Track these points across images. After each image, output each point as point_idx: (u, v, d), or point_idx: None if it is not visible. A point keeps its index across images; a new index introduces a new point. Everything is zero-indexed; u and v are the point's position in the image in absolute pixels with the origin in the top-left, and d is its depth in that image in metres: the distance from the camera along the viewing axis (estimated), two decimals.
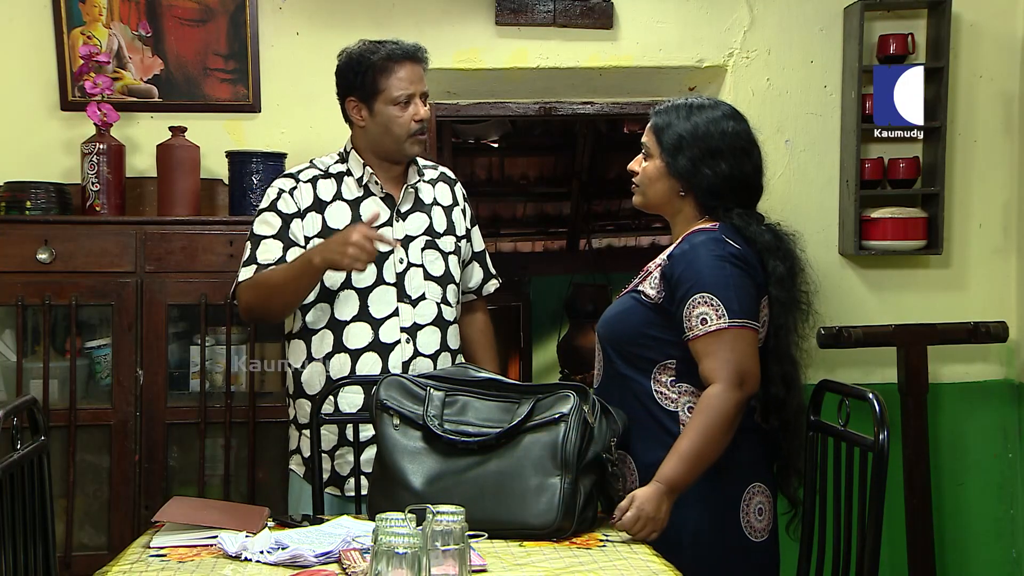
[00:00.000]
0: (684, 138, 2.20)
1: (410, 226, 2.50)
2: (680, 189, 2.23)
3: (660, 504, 1.98)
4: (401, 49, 2.44)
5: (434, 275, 2.49)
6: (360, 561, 1.74)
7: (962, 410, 3.43)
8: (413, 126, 2.44)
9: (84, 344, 3.04)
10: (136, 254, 2.95)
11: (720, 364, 2.05)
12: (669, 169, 2.22)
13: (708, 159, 2.20)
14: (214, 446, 3.02)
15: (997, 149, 3.42)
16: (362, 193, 2.50)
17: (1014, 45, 3.39)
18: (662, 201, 2.27)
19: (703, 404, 2.05)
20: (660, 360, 2.15)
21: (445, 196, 2.59)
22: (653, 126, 2.26)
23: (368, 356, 2.42)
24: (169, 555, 1.85)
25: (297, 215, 2.46)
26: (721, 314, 2.06)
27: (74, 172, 3.13)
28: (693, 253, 2.12)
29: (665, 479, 2.00)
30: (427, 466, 2.02)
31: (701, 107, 2.25)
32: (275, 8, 3.28)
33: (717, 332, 2.06)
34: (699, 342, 2.07)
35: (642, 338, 2.16)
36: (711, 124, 2.21)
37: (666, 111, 2.26)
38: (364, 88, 2.44)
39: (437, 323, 2.47)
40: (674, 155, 2.21)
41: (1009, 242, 3.43)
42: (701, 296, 2.08)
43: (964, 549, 3.43)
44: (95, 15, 3.21)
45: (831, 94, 3.37)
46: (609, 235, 7.79)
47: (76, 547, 2.92)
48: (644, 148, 2.28)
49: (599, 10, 3.34)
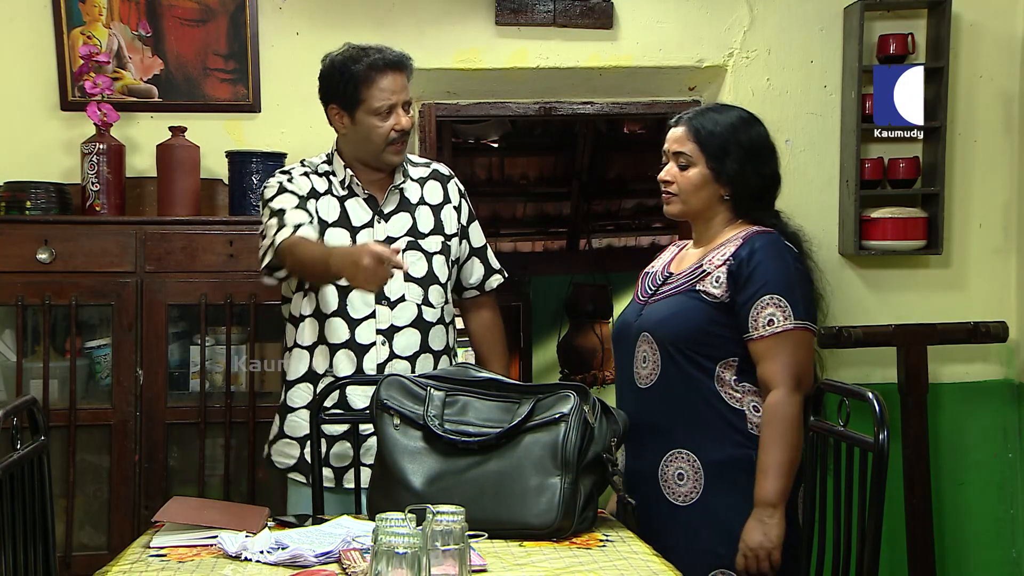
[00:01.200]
0: (729, 143, 2.25)
1: (392, 227, 2.50)
2: (724, 194, 2.27)
3: (764, 531, 2.08)
4: (384, 59, 2.42)
5: (415, 276, 2.48)
6: (360, 561, 1.74)
7: (962, 410, 3.43)
8: (393, 135, 2.43)
9: (84, 344, 3.04)
10: (136, 254, 2.95)
11: (780, 368, 2.13)
12: (715, 175, 2.26)
13: (752, 162, 2.26)
14: (214, 446, 3.02)
15: (997, 149, 3.42)
16: (346, 194, 2.51)
17: (1014, 45, 3.39)
18: (703, 207, 2.30)
19: (772, 414, 2.12)
20: (723, 358, 2.19)
21: (434, 194, 2.58)
22: (691, 134, 2.28)
23: (343, 353, 2.44)
24: (169, 555, 1.84)
25: (306, 197, 2.47)
26: (788, 315, 2.14)
27: (74, 172, 3.13)
28: (763, 254, 2.17)
29: (765, 500, 2.10)
30: (427, 466, 2.02)
31: (732, 112, 2.31)
32: (275, 8, 3.28)
33: (783, 333, 2.13)
34: (762, 343, 2.14)
35: (706, 336, 2.19)
36: (747, 128, 2.28)
37: (700, 118, 2.29)
38: (346, 97, 2.43)
39: (416, 325, 2.47)
40: (721, 160, 2.25)
41: (1009, 242, 3.43)
42: (771, 297, 2.14)
43: (964, 549, 3.43)
44: (95, 15, 3.21)
45: (831, 94, 3.37)
46: (609, 235, 7.78)
47: (76, 547, 2.92)
48: (680, 157, 2.29)
49: (599, 10, 3.34)
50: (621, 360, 2.34)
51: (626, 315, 2.38)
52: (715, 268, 2.21)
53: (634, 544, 1.93)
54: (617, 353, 2.37)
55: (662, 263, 2.41)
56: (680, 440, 2.19)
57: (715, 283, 2.20)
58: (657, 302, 2.28)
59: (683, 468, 2.20)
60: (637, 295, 2.39)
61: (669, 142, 2.33)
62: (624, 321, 2.36)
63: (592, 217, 7.48)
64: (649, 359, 2.25)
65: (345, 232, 2.47)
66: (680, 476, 2.20)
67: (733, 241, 2.24)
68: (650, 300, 2.31)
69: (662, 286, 2.31)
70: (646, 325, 2.27)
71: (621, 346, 2.34)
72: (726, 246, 2.24)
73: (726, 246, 2.24)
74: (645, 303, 2.32)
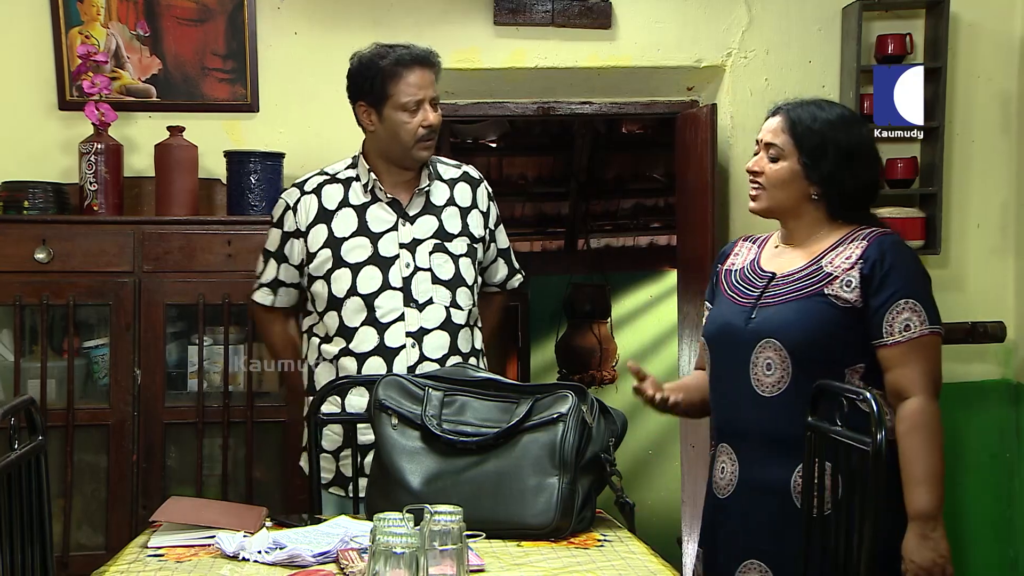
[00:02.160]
0: (827, 141, 2.13)
1: (418, 230, 2.48)
2: (814, 193, 2.16)
3: (932, 546, 2.01)
4: (411, 54, 2.43)
5: (442, 279, 2.47)
6: (358, 561, 1.74)
7: (960, 410, 3.43)
8: (421, 132, 2.42)
9: (82, 344, 3.03)
10: (134, 254, 2.95)
11: (919, 375, 2.07)
12: (807, 172, 2.14)
13: (850, 164, 2.14)
14: (212, 446, 3.01)
15: (995, 149, 3.42)
16: (369, 199, 2.49)
17: (1012, 45, 3.39)
18: (791, 205, 2.18)
19: (916, 422, 2.06)
20: (851, 364, 2.11)
21: (464, 197, 2.56)
22: (787, 126, 2.15)
23: (374, 360, 2.42)
24: (167, 555, 1.84)
25: (296, 234, 2.49)
26: (923, 320, 2.08)
27: (72, 172, 3.13)
28: (895, 256, 2.09)
29: (921, 513, 2.03)
30: (425, 466, 2.02)
31: (834, 109, 2.19)
32: (274, 8, 3.28)
33: (919, 339, 2.07)
34: (897, 348, 2.07)
35: (837, 342, 2.10)
36: (850, 127, 2.16)
37: (799, 110, 2.17)
38: (373, 93, 2.43)
39: (445, 327, 2.45)
40: (815, 158, 2.13)
41: (1007, 242, 3.43)
42: (907, 301, 2.07)
43: (961, 549, 3.43)
44: (93, 15, 3.21)
45: (829, 94, 3.36)
46: (607, 235, 7.78)
47: (74, 547, 2.92)
48: (771, 148, 2.17)
49: (597, 10, 3.34)
50: (726, 366, 2.20)
51: (726, 316, 2.22)
52: (843, 271, 2.10)
53: (632, 544, 1.93)
54: (719, 358, 2.22)
55: (746, 260, 2.28)
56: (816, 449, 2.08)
57: (845, 287, 2.09)
58: (774, 305, 2.14)
59: None
60: (728, 294, 2.24)
61: (763, 132, 2.20)
62: (727, 322, 2.20)
63: (590, 217, 7.48)
64: (776, 366, 2.11)
65: (366, 240, 2.45)
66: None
67: (854, 242, 2.13)
68: (759, 302, 2.17)
69: (769, 286, 2.18)
70: (769, 330, 2.12)
71: (725, 350, 2.20)
72: (844, 247, 2.14)
73: (844, 247, 2.14)
74: (754, 305, 2.17)
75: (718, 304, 2.28)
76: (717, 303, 2.29)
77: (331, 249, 2.45)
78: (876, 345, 2.08)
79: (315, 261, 2.46)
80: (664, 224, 7.17)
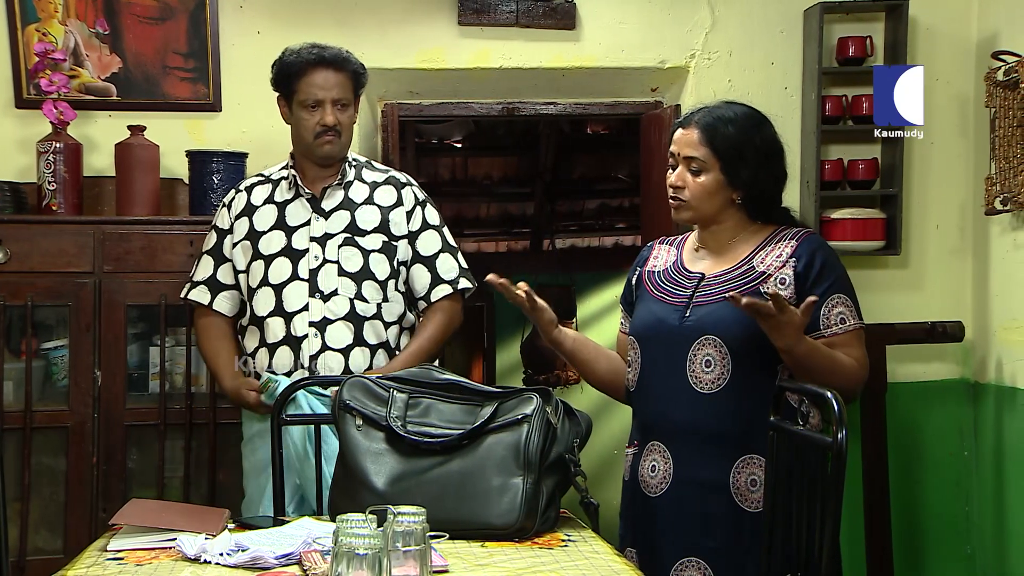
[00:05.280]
0: (744, 148, 2.18)
1: (331, 224, 2.59)
2: (737, 198, 2.21)
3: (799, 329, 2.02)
4: (317, 55, 2.57)
5: (348, 271, 2.56)
6: (321, 562, 1.73)
7: (919, 409, 3.47)
8: (318, 129, 2.56)
9: (40, 345, 3.00)
10: (94, 254, 2.92)
11: (857, 359, 2.15)
12: (730, 180, 2.19)
13: (766, 166, 2.21)
14: (174, 448, 2.99)
15: (953, 151, 3.47)
16: (292, 195, 2.62)
17: (968, 48, 3.44)
18: (715, 212, 2.22)
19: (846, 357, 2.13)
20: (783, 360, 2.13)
21: (387, 197, 2.64)
22: (705, 138, 2.18)
23: (283, 350, 2.54)
24: (127, 558, 1.82)
25: (228, 231, 2.65)
26: (854, 313, 2.17)
27: (30, 171, 3.08)
28: (824, 254, 2.18)
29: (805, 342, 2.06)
30: (390, 467, 2.01)
31: (740, 109, 2.23)
32: (236, 7, 3.26)
33: (856, 331, 2.16)
34: (835, 339, 2.15)
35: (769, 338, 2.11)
36: (760, 127, 2.22)
37: (710, 118, 2.19)
38: (285, 89, 2.61)
39: (349, 318, 2.54)
40: (736, 166, 2.18)
41: (965, 243, 3.48)
42: (839, 296, 2.16)
43: (920, 546, 3.47)
44: (51, 12, 3.17)
45: (791, 95, 3.40)
46: (573, 235, 7.80)
47: (31, 551, 2.88)
48: (693, 162, 2.19)
49: (562, 11, 3.35)
50: (658, 363, 2.22)
51: (657, 314, 2.24)
52: (775, 269, 2.16)
53: (596, 544, 1.94)
54: (650, 355, 2.24)
55: (667, 262, 2.31)
56: (753, 446, 2.13)
57: (780, 284, 2.14)
58: (709, 304, 2.17)
59: (756, 474, 2.14)
60: (655, 294, 2.27)
61: (679, 145, 2.22)
62: (659, 320, 2.22)
63: (556, 217, 7.51)
64: (716, 363, 2.14)
65: (281, 233, 2.59)
66: (753, 482, 2.15)
67: (782, 241, 2.19)
68: (692, 301, 2.20)
69: (700, 286, 2.21)
70: (708, 327, 2.15)
71: (658, 347, 2.22)
72: (773, 246, 2.19)
73: (773, 246, 2.19)
74: (687, 304, 2.20)
75: (644, 303, 2.31)
76: (643, 303, 2.32)
77: (250, 241, 2.60)
78: (814, 337, 2.12)
79: (237, 254, 2.61)
80: (629, 224, 7.21)
